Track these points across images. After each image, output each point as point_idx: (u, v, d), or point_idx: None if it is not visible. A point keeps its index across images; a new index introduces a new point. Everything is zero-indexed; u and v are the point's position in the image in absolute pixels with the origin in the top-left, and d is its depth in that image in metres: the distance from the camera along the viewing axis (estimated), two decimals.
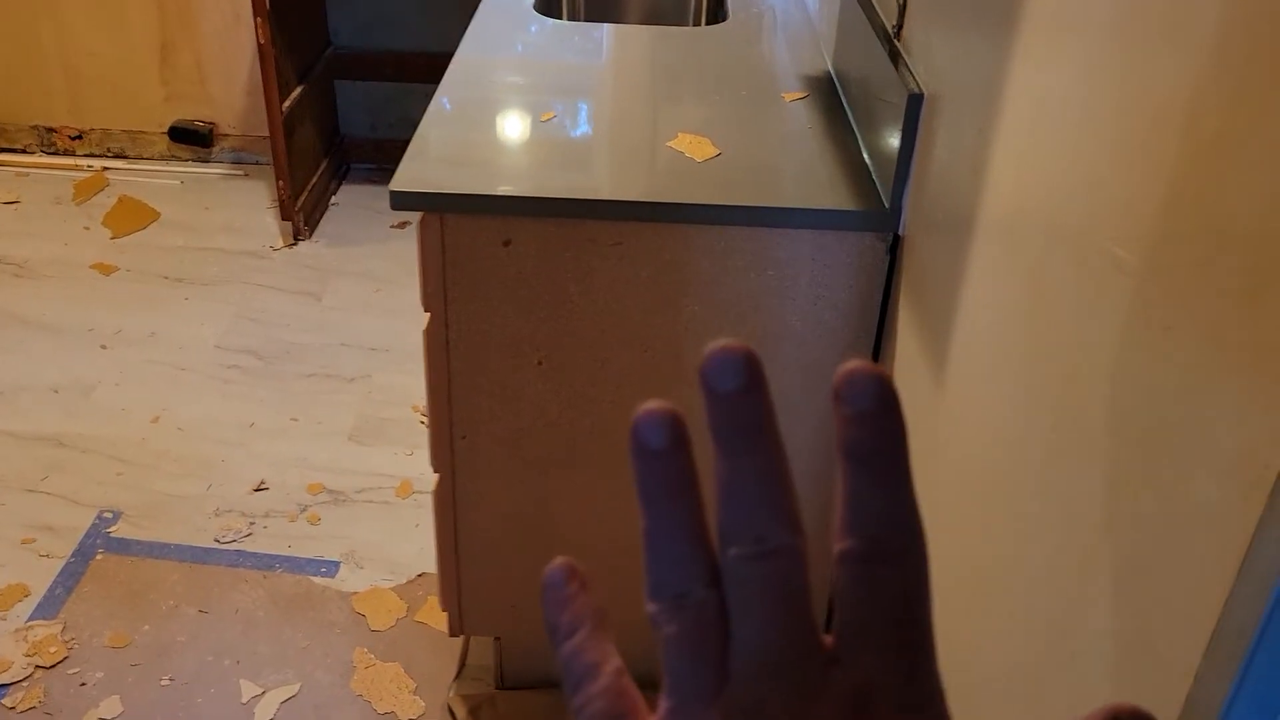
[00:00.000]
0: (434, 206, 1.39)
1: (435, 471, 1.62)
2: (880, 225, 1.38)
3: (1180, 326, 0.65)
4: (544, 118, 1.59)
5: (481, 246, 1.42)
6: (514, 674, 1.83)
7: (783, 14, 2.07)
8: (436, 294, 1.46)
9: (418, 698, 1.83)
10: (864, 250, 1.40)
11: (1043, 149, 0.91)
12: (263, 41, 2.79)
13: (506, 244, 1.42)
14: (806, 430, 1.55)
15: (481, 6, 2.03)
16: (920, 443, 1.25)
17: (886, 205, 1.36)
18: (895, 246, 1.40)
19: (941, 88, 1.22)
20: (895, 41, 1.42)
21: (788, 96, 1.69)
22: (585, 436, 1.57)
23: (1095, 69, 0.79)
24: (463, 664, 1.89)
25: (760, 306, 1.46)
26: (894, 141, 1.34)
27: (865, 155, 1.50)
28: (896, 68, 1.35)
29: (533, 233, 1.41)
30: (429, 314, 1.49)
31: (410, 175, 1.41)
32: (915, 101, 1.28)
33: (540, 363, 1.51)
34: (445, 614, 1.78)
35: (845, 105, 1.65)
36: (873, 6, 1.54)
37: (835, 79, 1.74)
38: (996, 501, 0.99)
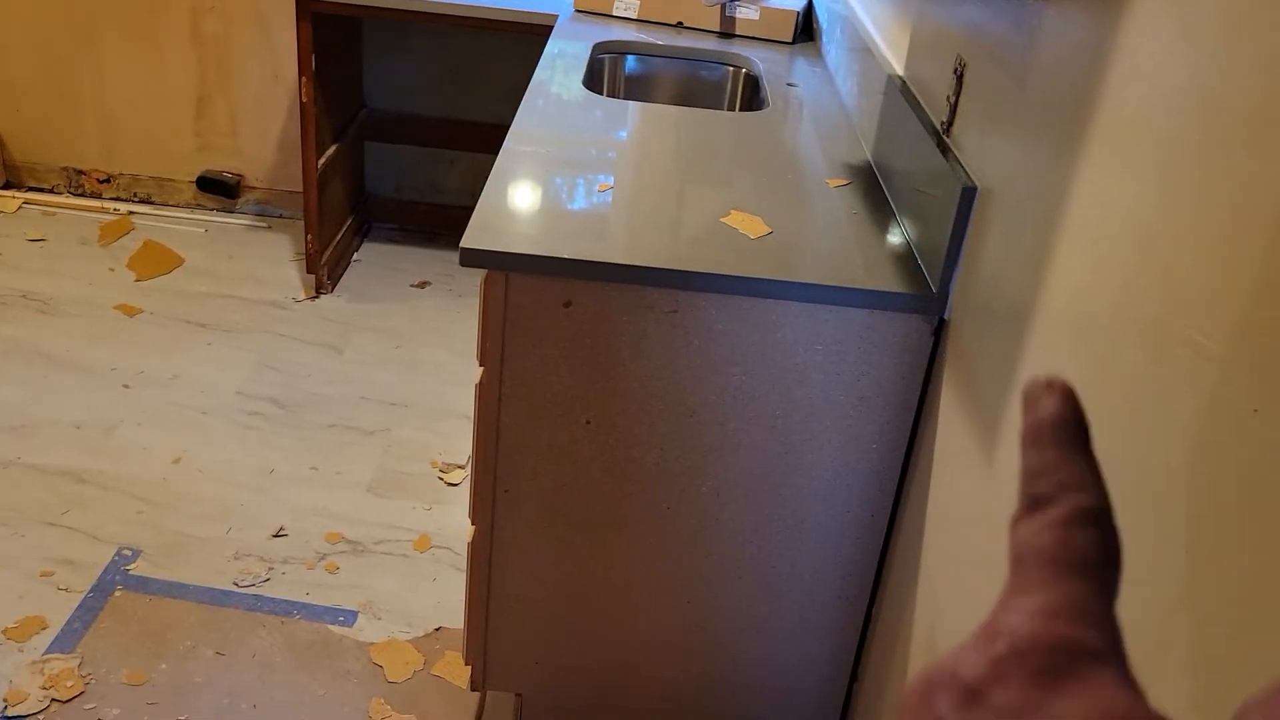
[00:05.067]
0: (501, 265, 1.45)
1: (473, 524, 1.65)
2: (928, 308, 1.44)
3: (1268, 408, 0.70)
4: (601, 188, 1.66)
5: (543, 306, 1.48)
6: None
7: (812, 105, 2.16)
8: (494, 350, 1.51)
9: None
10: (910, 331, 1.47)
11: (1112, 244, 0.97)
12: (305, 100, 2.88)
13: (567, 305, 1.48)
14: (841, 498, 1.60)
15: (534, 81, 2.12)
16: (970, 510, 1.29)
17: (934, 290, 1.43)
18: (940, 329, 1.46)
19: (995, 181, 1.29)
20: (945, 137, 1.50)
21: (831, 183, 1.77)
22: (626, 497, 1.61)
23: (1173, 167, 0.86)
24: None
25: (806, 380, 1.51)
26: (943, 230, 1.41)
27: (911, 242, 1.57)
28: (947, 160, 1.43)
29: (594, 296, 1.47)
30: (483, 368, 1.53)
31: (479, 234, 1.47)
32: (969, 194, 1.35)
33: (589, 422, 1.56)
34: (465, 669, 1.79)
35: (887, 194, 1.73)
36: (919, 103, 1.63)
37: (875, 168, 1.82)
38: None
